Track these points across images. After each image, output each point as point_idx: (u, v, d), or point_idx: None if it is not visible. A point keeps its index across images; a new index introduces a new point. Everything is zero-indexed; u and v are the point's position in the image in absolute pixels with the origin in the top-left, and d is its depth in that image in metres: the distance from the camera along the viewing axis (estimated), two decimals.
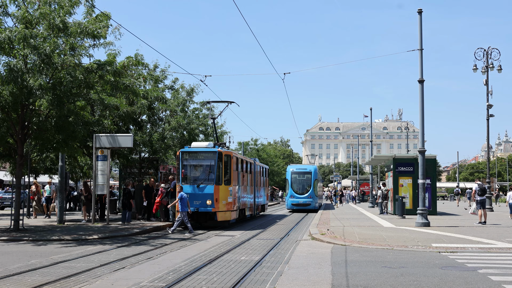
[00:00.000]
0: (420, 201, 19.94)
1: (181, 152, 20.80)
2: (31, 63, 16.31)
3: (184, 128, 25.85)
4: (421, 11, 20.43)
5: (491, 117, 31.21)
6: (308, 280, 9.19)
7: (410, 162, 26.84)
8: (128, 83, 18.81)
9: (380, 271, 10.03)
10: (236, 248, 14.17)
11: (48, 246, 14.43)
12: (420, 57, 20.44)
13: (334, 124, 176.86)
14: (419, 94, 20.45)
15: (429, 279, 9.28)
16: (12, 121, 17.45)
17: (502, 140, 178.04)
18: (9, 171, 32.74)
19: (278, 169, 74.80)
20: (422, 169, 20.07)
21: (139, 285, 8.85)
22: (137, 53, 22.52)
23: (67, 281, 9.13)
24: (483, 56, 31.16)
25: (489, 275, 9.64)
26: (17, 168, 18.07)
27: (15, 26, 16.15)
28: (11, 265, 10.97)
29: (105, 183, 20.75)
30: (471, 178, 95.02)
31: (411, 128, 66.78)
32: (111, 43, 17.23)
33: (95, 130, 20.79)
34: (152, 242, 15.53)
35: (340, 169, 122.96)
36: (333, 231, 17.76)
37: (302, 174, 37.50)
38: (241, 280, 9.21)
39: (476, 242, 14.53)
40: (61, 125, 17.12)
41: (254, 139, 71.33)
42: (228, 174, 20.77)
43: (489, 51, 31.11)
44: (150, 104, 24.07)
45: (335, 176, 73.04)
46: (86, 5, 17.15)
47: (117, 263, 11.12)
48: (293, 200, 36.67)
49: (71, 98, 17.31)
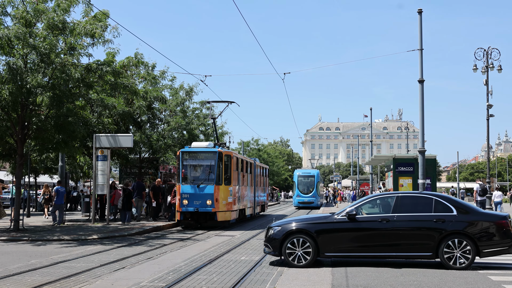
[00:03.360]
0: None
1: (181, 152, 20.80)
2: (30, 62, 16.31)
3: (184, 128, 25.83)
4: (421, 11, 20.42)
5: (491, 117, 31.16)
6: (308, 280, 9.20)
7: (410, 162, 26.79)
8: (127, 83, 18.80)
9: (380, 271, 10.03)
10: (236, 248, 14.18)
11: (48, 246, 14.43)
12: (420, 57, 20.43)
13: (334, 124, 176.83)
14: (419, 94, 20.45)
15: (429, 279, 9.29)
16: (12, 121, 17.45)
17: (502, 140, 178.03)
18: (9, 171, 32.72)
19: (278, 169, 74.77)
20: (422, 169, 20.06)
21: (139, 285, 8.85)
22: (137, 53, 22.50)
23: (67, 281, 9.13)
24: (483, 56, 31.12)
25: (489, 275, 9.65)
26: (17, 168, 18.06)
27: (14, 25, 16.14)
28: (11, 265, 10.97)
29: (105, 183, 20.74)
30: (471, 178, 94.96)
31: (411, 128, 66.78)
32: (109, 41, 17.22)
33: (95, 130, 20.78)
34: (152, 242, 15.52)
35: (340, 169, 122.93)
36: None
37: (307, 177, 44.46)
38: (241, 280, 9.22)
39: None
40: (60, 125, 17.12)
41: (255, 139, 71.31)
42: (228, 174, 20.76)
43: (489, 51, 31.09)
44: (150, 104, 24.06)
45: (335, 176, 73.04)
46: (84, 1, 17.12)
47: (117, 263, 11.12)
48: (299, 199, 43.54)
49: (71, 98, 17.31)
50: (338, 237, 10.74)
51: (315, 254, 10.62)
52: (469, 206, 10.93)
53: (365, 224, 10.76)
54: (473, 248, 10.21)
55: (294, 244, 10.69)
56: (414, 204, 10.92)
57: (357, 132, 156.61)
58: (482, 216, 10.65)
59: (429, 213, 10.61)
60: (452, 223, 10.37)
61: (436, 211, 10.60)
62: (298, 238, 10.70)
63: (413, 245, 10.48)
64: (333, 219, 10.90)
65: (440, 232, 10.33)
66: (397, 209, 10.75)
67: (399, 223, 10.56)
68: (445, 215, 10.49)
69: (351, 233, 10.74)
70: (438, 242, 10.30)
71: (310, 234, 10.70)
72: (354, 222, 10.75)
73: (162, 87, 25.88)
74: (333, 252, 10.72)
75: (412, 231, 10.57)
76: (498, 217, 10.60)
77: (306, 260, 10.59)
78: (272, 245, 10.94)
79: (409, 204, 10.89)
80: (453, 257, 10.25)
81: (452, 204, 10.69)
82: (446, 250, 10.26)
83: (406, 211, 10.72)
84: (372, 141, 49.33)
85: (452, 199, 11.01)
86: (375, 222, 10.69)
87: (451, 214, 10.50)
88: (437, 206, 10.66)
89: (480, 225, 10.39)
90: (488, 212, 11.15)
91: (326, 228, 10.79)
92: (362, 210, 11.03)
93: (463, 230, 10.29)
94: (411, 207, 10.83)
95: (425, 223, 10.55)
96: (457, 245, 10.25)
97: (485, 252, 10.30)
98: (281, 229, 10.94)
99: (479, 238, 10.26)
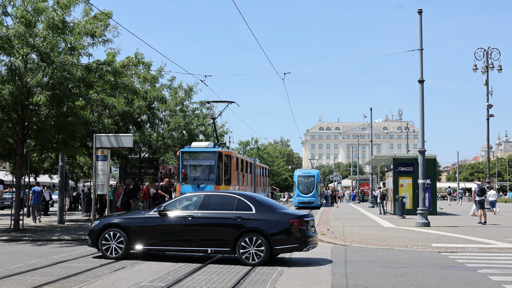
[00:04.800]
0: (420, 201, 19.95)
1: (181, 152, 20.80)
2: (30, 62, 16.31)
3: (184, 128, 25.84)
4: (421, 11, 20.44)
5: (491, 117, 31.22)
6: (308, 280, 9.20)
7: (410, 162, 26.84)
8: (127, 83, 18.79)
9: (380, 271, 10.03)
10: None
11: (48, 246, 14.44)
12: (420, 57, 20.45)
13: (334, 124, 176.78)
14: (419, 94, 20.46)
15: (429, 279, 9.29)
16: (12, 121, 17.45)
17: (502, 140, 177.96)
18: (9, 171, 32.72)
19: (278, 169, 74.75)
20: (422, 169, 20.07)
21: (139, 285, 8.85)
22: (137, 52, 22.51)
23: (67, 281, 9.13)
24: (483, 56, 31.17)
25: (489, 275, 9.65)
26: (17, 168, 18.07)
27: (14, 24, 16.14)
28: (11, 265, 10.97)
29: (105, 183, 20.72)
30: (471, 178, 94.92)
31: (411, 128, 66.80)
32: (110, 41, 17.22)
33: (95, 130, 20.78)
34: None
35: (340, 169, 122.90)
36: (333, 231, 17.76)
37: (307, 177, 44.52)
38: (241, 280, 9.21)
39: (476, 242, 14.54)
40: (61, 124, 17.12)
41: (255, 139, 71.35)
42: (228, 174, 20.77)
43: (489, 51, 31.12)
44: (150, 104, 24.06)
45: (335, 176, 73.08)
46: (84, 0, 17.10)
47: (117, 263, 11.12)
48: (300, 199, 43.57)
49: (71, 98, 17.31)
50: (148, 231, 11.40)
51: (127, 246, 11.46)
52: (269, 205, 11.34)
53: (173, 220, 11.33)
54: (266, 245, 10.68)
55: (110, 237, 11.56)
56: (220, 203, 11.47)
57: (357, 132, 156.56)
58: (278, 215, 11.04)
59: (231, 211, 11.13)
60: (250, 221, 10.89)
61: (238, 209, 11.12)
62: (113, 232, 11.53)
63: (214, 240, 11.04)
64: (145, 215, 11.61)
65: (238, 229, 10.86)
66: (204, 206, 11.35)
67: (202, 220, 11.14)
68: (244, 213, 11.02)
69: (160, 228, 11.37)
70: (236, 238, 10.83)
71: (123, 228, 11.52)
72: (163, 218, 11.38)
73: (161, 87, 25.89)
74: (144, 245, 11.41)
75: (213, 228, 11.13)
76: (292, 217, 11.02)
77: (118, 253, 11.44)
78: (91, 237, 11.82)
79: (215, 203, 11.46)
80: (249, 254, 10.78)
81: (252, 202, 11.19)
82: (242, 246, 10.79)
83: (211, 209, 11.29)
84: (372, 141, 49.42)
85: (254, 198, 11.51)
86: (182, 219, 11.28)
87: (249, 212, 11.02)
88: (239, 205, 11.18)
89: (274, 224, 10.85)
90: (285, 211, 11.47)
91: (138, 223, 11.50)
92: (176, 207, 11.56)
93: (258, 228, 10.79)
94: (217, 205, 11.39)
95: (225, 221, 11.06)
96: (252, 242, 10.77)
97: (277, 249, 10.78)
98: (100, 222, 11.89)
99: (272, 235, 10.71)
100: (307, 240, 10.84)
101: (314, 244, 11.18)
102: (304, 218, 11.01)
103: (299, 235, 10.77)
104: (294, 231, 10.76)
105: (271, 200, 12.36)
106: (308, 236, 10.88)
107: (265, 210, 11.06)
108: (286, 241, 10.76)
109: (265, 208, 11.14)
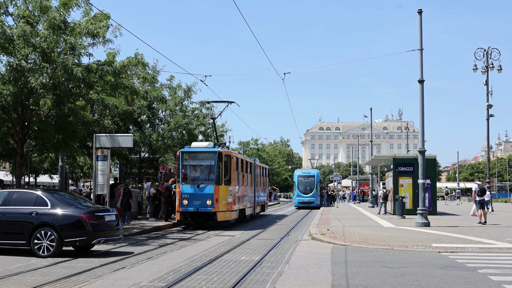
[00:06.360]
0: (420, 201, 19.94)
1: (181, 152, 20.80)
2: (31, 62, 16.30)
3: (184, 128, 25.84)
4: (421, 11, 20.43)
5: (491, 117, 31.20)
6: (308, 280, 9.20)
7: (410, 162, 26.83)
8: (127, 83, 18.78)
9: (380, 271, 10.03)
10: (236, 248, 14.18)
11: None
12: (420, 57, 20.44)
13: (334, 124, 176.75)
14: (419, 94, 20.46)
15: (429, 279, 9.29)
16: (12, 121, 17.45)
17: (502, 140, 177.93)
18: (9, 171, 32.73)
19: (278, 169, 74.74)
20: (422, 169, 20.06)
21: (139, 285, 8.85)
22: (137, 53, 22.50)
23: (67, 281, 9.13)
24: (483, 56, 31.15)
25: (489, 275, 9.65)
26: (17, 168, 18.05)
27: (15, 24, 16.13)
28: (11, 265, 10.97)
29: (105, 183, 20.72)
30: (471, 178, 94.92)
31: (411, 128, 66.74)
32: (110, 41, 17.21)
33: (95, 130, 20.78)
34: (152, 242, 15.53)
35: (340, 169, 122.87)
36: (333, 231, 17.76)
37: (307, 177, 44.51)
38: (241, 280, 9.22)
39: (476, 242, 14.53)
40: (61, 125, 17.12)
41: (254, 139, 71.33)
42: (228, 174, 20.77)
43: (489, 51, 31.11)
44: (150, 104, 24.06)
45: (335, 176, 73.03)
46: (84, 0, 17.09)
47: (117, 263, 11.13)
48: (299, 199, 43.75)
49: (71, 98, 17.31)
50: None
51: None
52: (67, 201, 12.36)
53: None
54: (57, 238, 11.82)
55: None
56: (22, 199, 12.43)
57: (357, 132, 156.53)
58: (73, 210, 12.10)
59: (30, 206, 12.18)
60: (44, 216, 11.98)
61: (36, 205, 12.19)
62: None
63: (11, 234, 12.11)
64: None
65: (33, 224, 11.95)
66: (6, 202, 12.40)
67: (1, 216, 12.18)
68: (40, 208, 12.11)
69: None
70: (31, 232, 11.91)
71: None
72: None
73: (161, 87, 25.90)
74: None
75: (11, 222, 12.18)
76: (82, 212, 12.10)
77: None
78: None
79: (17, 199, 12.45)
80: (42, 246, 11.85)
81: (50, 198, 12.22)
82: (37, 238, 11.87)
83: (13, 204, 12.34)
84: (372, 141, 49.26)
85: (53, 194, 12.50)
86: None
87: (45, 207, 12.10)
88: (38, 201, 12.25)
89: (65, 218, 11.96)
90: (81, 207, 12.38)
91: None
92: None
93: (51, 222, 11.89)
94: (19, 201, 12.38)
95: (22, 216, 12.13)
96: (45, 236, 11.86)
97: (67, 241, 11.95)
98: None
99: (62, 229, 11.85)
100: (96, 234, 12.01)
101: (109, 237, 12.39)
102: (96, 213, 12.17)
103: (89, 229, 11.88)
104: (84, 225, 11.88)
105: (76, 197, 13.27)
106: (99, 230, 12.06)
107: (61, 206, 12.09)
108: (75, 234, 11.90)
109: (62, 204, 12.15)
